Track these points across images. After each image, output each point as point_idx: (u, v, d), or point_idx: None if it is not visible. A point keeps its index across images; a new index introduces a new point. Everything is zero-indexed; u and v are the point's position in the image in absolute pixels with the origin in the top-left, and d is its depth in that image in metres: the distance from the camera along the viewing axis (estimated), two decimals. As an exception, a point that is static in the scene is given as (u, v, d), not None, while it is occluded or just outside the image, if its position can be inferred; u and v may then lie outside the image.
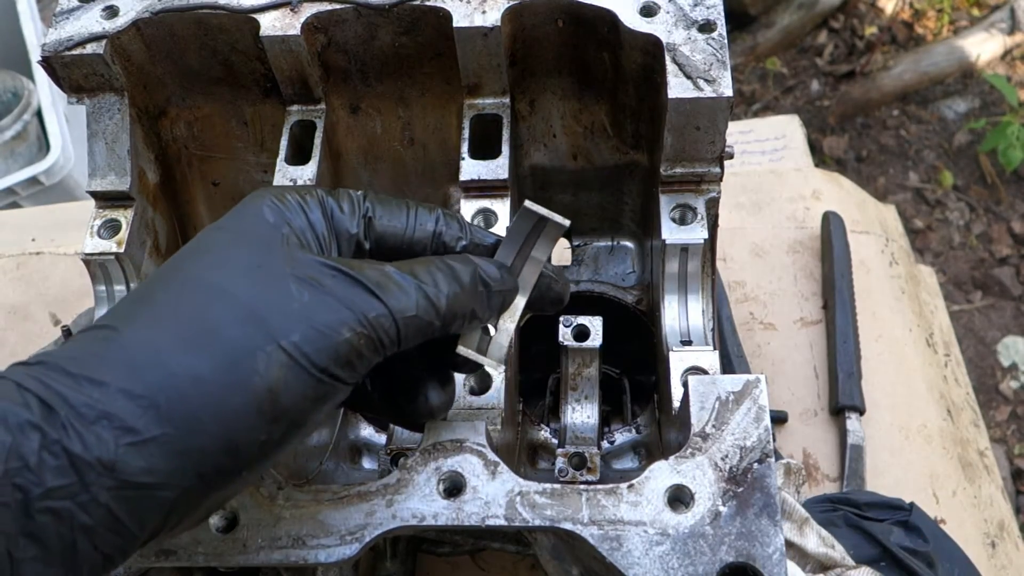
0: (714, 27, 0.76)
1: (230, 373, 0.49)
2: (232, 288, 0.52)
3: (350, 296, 0.53)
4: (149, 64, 0.85)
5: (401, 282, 0.55)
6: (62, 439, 0.46)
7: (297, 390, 0.51)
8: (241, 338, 0.50)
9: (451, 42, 0.80)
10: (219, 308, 0.51)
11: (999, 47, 2.95)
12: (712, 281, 0.83)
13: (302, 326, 0.51)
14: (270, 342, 0.50)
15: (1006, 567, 1.18)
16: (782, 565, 0.57)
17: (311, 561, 0.61)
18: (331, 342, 0.51)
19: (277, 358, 0.50)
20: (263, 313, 0.51)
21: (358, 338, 0.52)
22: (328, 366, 0.51)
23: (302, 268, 0.53)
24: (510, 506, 0.61)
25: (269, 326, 0.50)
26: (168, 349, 0.49)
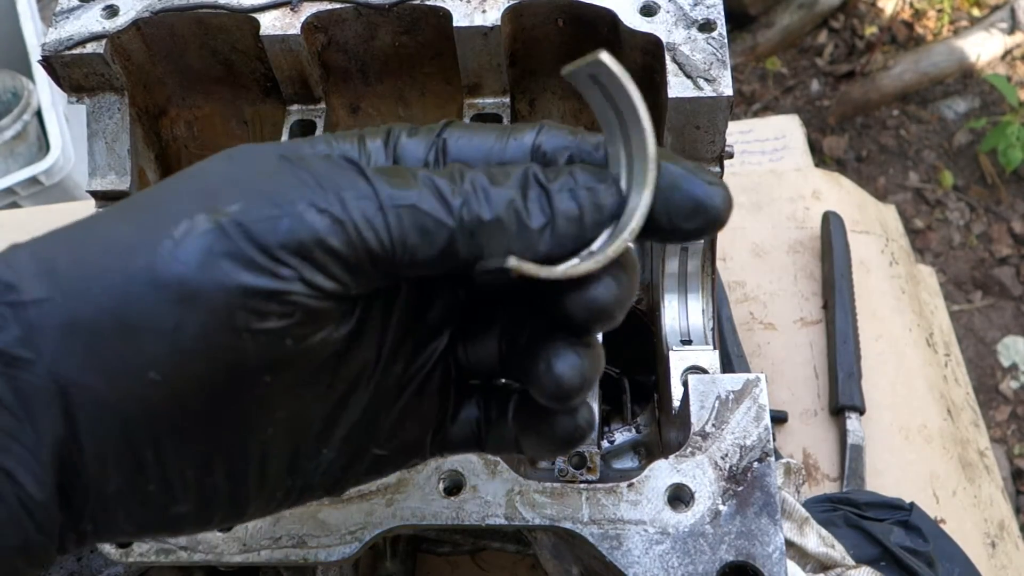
0: (714, 27, 0.76)
1: (142, 236, 0.37)
2: (200, 169, 0.40)
3: (331, 174, 0.38)
4: (149, 63, 0.85)
5: (409, 172, 0.40)
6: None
7: (219, 268, 0.36)
8: (173, 205, 0.38)
9: (451, 42, 0.80)
10: (173, 183, 0.40)
11: (999, 47, 2.95)
12: (712, 280, 0.83)
13: (247, 195, 0.37)
14: (201, 208, 0.37)
15: (1006, 567, 1.18)
16: (782, 564, 0.57)
17: (311, 560, 0.61)
18: (277, 215, 0.37)
19: (200, 222, 0.36)
20: (216, 185, 0.38)
21: (323, 220, 0.37)
22: (276, 251, 0.36)
23: (298, 158, 0.40)
24: (510, 505, 0.61)
25: (214, 195, 0.37)
26: (101, 220, 0.39)
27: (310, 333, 0.38)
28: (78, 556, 0.76)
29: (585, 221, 0.40)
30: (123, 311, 0.36)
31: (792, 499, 0.85)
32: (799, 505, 0.85)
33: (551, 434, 0.46)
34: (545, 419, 0.46)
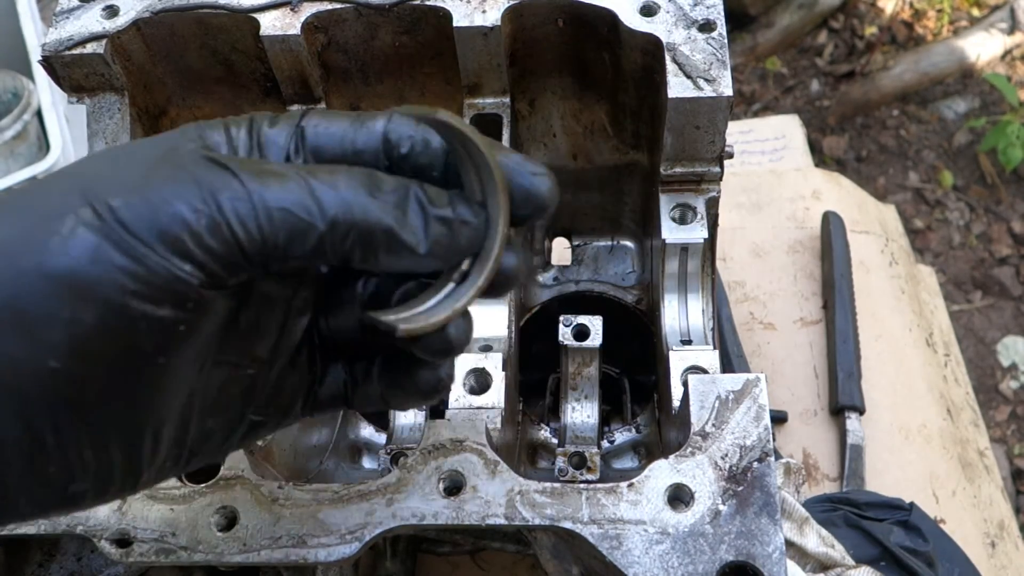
0: (714, 27, 0.76)
1: (29, 233, 0.39)
2: (78, 168, 0.43)
3: (204, 174, 0.41)
4: (149, 64, 0.85)
5: (280, 171, 0.42)
6: None
7: (109, 261, 0.38)
8: (56, 200, 0.40)
9: (451, 42, 0.80)
10: (53, 180, 0.42)
11: (999, 47, 2.95)
12: (712, 280, 0.83)
13: (129, 192, 0.40)
14: (85, 205, 0.39)
15: (1006, 567, 1.18)
16: (782, 564, 0.57)
17: (311, 560, 0.61)
18: (158, 213, 0.39)
19: (86, 218, 0.39)
20: (94, 182, 0.41)
21: (198, 217, 0.40)
22: (152, 242, 0.39)
23: (175, 156, 0.42)
24: (510, 505, 0.61)
25: (93, 191, 0.40)
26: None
27: (197, 318, 0.42)
28: (78, 556, 0.76)
29: (452, 250, 0.46)
30: (19, 305, 0.37)
31: (792, 499, 0.85)
32: (799, 505, 0.85)
33: (416, 388, 0.52)
34: (410, 375, 0.52)
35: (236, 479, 0.64)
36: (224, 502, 0.63)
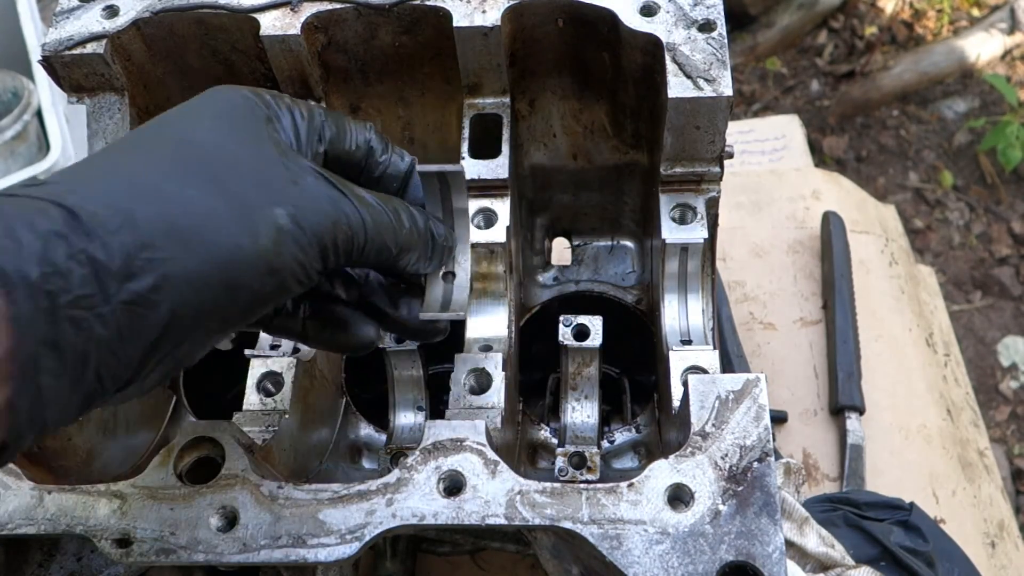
0: (714, 27, 0.76)
1: (243, 218, 0.52)
2: (229, 150, 0.55)
3: (335, 197, 0.57)
4: (149, 63, 0.85)
5: (373, 203, 0.60)
6: (87, 247, 0.46)
7: (289, 253, 0.54)
8: (249, 193, 0.53)
9: (451, 42, 0.80)
10: (221, 164, 0.54)
11: (999, 47, 2.95)
12: (712, 280, 0.83)
13: (299, 202, 0.55)
14: (275, 204, 0.54)
15: (1006, 567, 1.18)
16: (782, 564, 0.57)
17: (311, 560, 0.60)
18: (319, 225, 0.55)
19: (281, 218, 0.53)
20: (266, 180, 0.54)
21: (338, 231, 0.56)
22: (314, 245, 0.55)
23: (291, 161, 0.57)
24: (510, 505, 0.61)
25: (272, 192, 0.54)
26: (182, 185, 0.52)
27: (298, 289, 0.57)
28: (78, 556, 0.76)
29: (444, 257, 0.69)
30: (233, 274, 0.52)
31: (792, 499, 0.85)
32: (799, 505, 0.85)
33: (351, 339, 0.69)
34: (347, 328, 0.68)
35: (236, 479, 0.64)
36: (224, 502, 0.63)
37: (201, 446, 0.67)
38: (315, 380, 0.88)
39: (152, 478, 0.65)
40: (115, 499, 0.63)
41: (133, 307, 0.48)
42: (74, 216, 0.47)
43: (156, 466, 0.65)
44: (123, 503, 0.63)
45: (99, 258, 0.47)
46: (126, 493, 0.64)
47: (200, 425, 0.68)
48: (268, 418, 0.79)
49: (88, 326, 0.46)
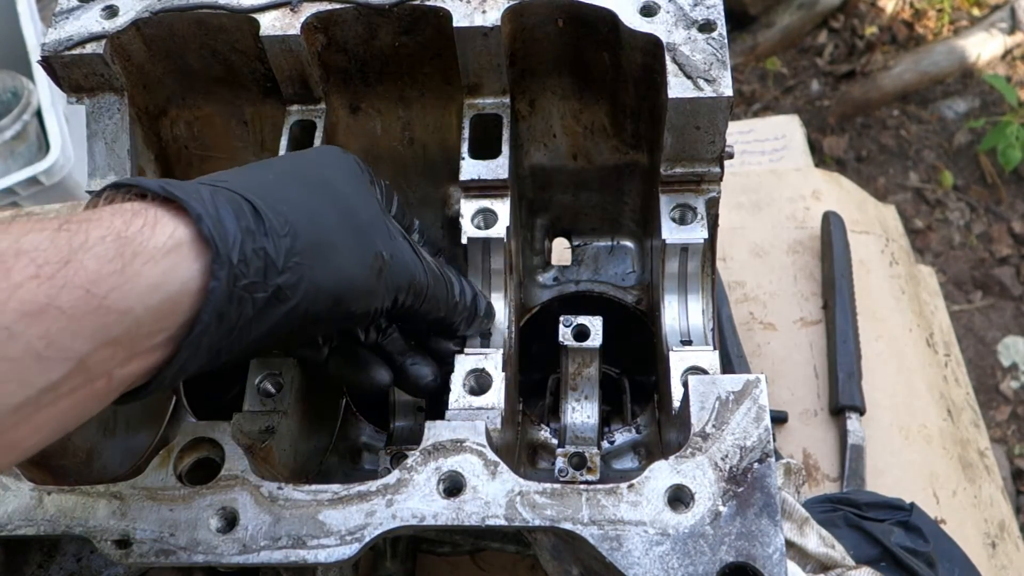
0: (714, 27, 0.76)
1: (362, 251, 0.63)
2: (353, 196, 0.67)
3: (414, 258, 0.70)
4: (149, 64, 0.85)
5: (436, 271, 0.73)
6: (266, 245, 0.56)
7: (383, 287, 0.66)
8: (368, 232, 0.65)
9: (451, 42, 0.80)
10: (349, 204, 0.65)
11: (999, 47, 2.95)
12: (712, 281, 0.83)
13: (394, 252, 0.67)
14: (381, 248, 0.66)
15: (1006, 567, 1.18)
16: (782, 565, 0.57)
17: (311, 561, 0.60)
18: (402, 276, 0.67)
19: (385, 258, 0.66)
20: (376, 226, 0.66)
21: (412, 286, 0.69)
22: (393, 290, 0.67)
23: (388, 219, 0.69)
24: (510, 506, 0.61)
25: (380, 237, 0.66)
26: (325, 212, 0.62)
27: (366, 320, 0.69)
28: (78, 556, 0.76)
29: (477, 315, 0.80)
30: (341, 292, 0.62)
31: (792, 499, 0.85)
32: (799, 505, 0.85)
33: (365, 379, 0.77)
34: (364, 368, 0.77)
35: (236, 480, 0.64)
36: (224, 503, 0.63)
37: (201, 447, 0.67)
38: (315, 381, 0.88)
39: (152, 479, 0.65)
40: (115, 500, 0.63)
41: (275, 296, 0.57)
42: (259, 217, 0.56)
43: (156, 467, 0.65)
44: (123, 504, 0.63)
45: (271, 255, 0.56)
46: (126, 494, 0.64)
47: (200, 426, 0.68)
48: (268, 419, 0.79)
49: (244, 304, 0.55)
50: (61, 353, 0.47)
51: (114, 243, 0.49)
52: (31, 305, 0.46)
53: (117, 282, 0.49)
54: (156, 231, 0.52)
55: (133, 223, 0.51)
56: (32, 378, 0.46)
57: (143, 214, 0.52)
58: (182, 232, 0.53)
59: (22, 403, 0.46)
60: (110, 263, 0.49)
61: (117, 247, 0.49)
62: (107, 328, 0.48)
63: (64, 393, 0.48)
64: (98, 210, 0.52)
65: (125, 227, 0.51)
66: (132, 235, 0.50)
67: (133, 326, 0.50)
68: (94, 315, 0.48)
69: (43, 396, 0.47)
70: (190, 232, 0.53)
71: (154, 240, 0.51)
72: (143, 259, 0.50)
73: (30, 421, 0.47)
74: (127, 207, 0.53)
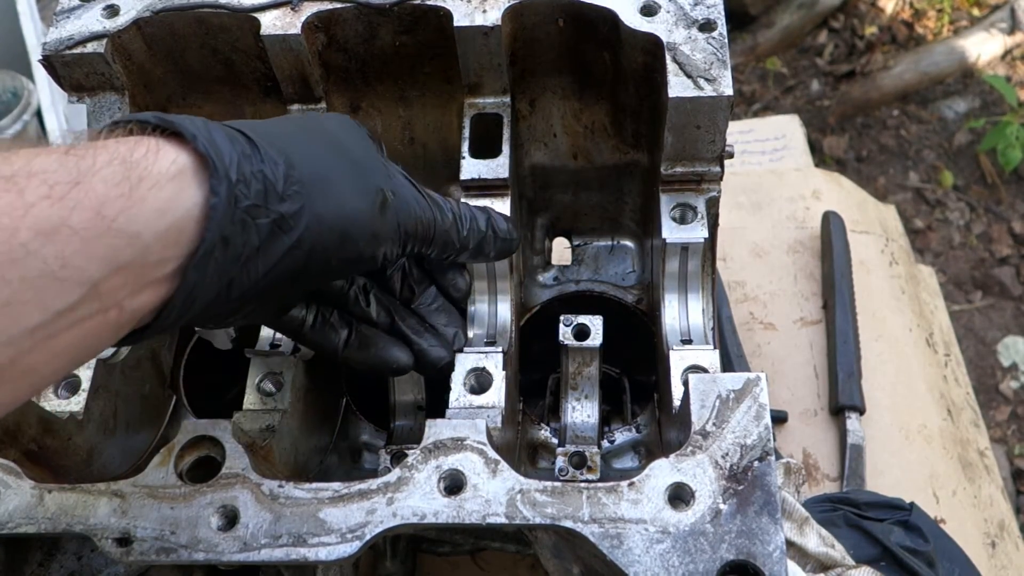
0: (714, 26, 0.76)
1: (363, 184, 0.64)
2: (350, 140, 0.67)
3: (416, 196, 0.70)
4: (150, 63, 0.85)
5: (442, 205, 0.72)
6: (263, 168, 0.57)
7: (390, 225, 0.66)
8: (367, 168, 0.66)
9: (451, 41, 0.80)
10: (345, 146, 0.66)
11: (999, 47, 2.95)
12: (712, 280, 0.83)
13: (397, 189, 0.67)
14: (382, 184, 0.66)
15: (1006, 567, 1.18)
16: (782, 563, 0.57)
17: (311, 559, 0.60)
18: (407, 215, 0.67)
19: (388, 194, 0.66)
20: (375, 166, 0.67)
21: (418, 225, 0.69)
22: (400, 231, 0.67)
23: (388, 162, 0.70)
24: (511, 504, 0.61)
25: (380, 175, 0.66)
26: (320, 150, 0.63)
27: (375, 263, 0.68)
28: (78, 555, 0.76)
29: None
30: (345, 227, 0.62)
31: (792, 499, 0.85)
32: (799, 505, 0.85)
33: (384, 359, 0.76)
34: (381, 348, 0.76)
35: (236, 478, 0.64)
36: (224, 501, 0.63)
37: (201, 445, 0.67)
38: (315, 379, 0.88)
39: (152, 477, 0.65)
40: (115, 498, 0.63)
41: (277, 225, 0.57)
42: (254, 145, 0.57)
43: (156, 465, 0.65)
44: (123, 502, 0.63)
45: (270, 178, 0.56)
46: (126, 492, 0.64)
47: (200, 424, 0.68)
48: (268, 418, 0.79)
49: (248, 230, 0.55)
50: (76, 275, 0.47)
51: (120, 167, 0.50)
52: (45, 223, 0.46)
53: (125, 205, 0.49)
54: (159, 157, 0.52)
55: (137, 149, 0.52)
56: (48, 300, 0.46)
57: (145, 142, 0.53)
58: (184, 159, 0.53)
59: (38, 326, 0.46)
60: (117, 186, 0.49)
61: (124, 171, 0.50)
62: (118, 252, 0.49)
63: (78, 320, 0.48)
64: (102, 140, 0.52)
65: (130, 153, 0.51)
66: (137, 160, 0.51)
67: (142, 252, 0.50)
68: (105, 238, 0.48)
69: (59, 320, 0.47)
70: (192, 159, 0.54)
71: (158, 165, 0.52)
72: (148, 184, 0.51)
73: (46, 346, 0.48)
74: (130, 138, 0.53)
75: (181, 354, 0.97)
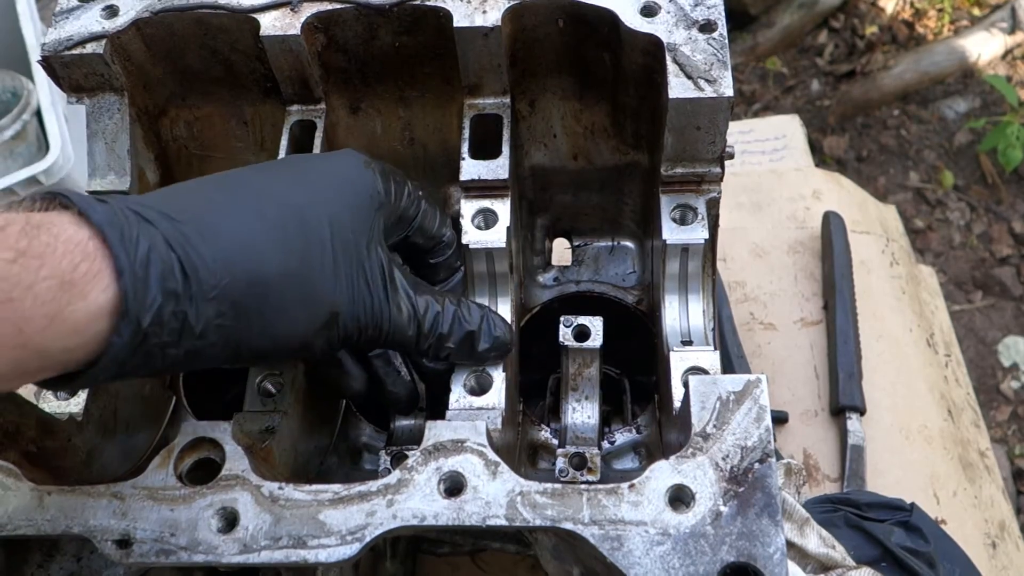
0: (715, 27, 0.76)
1: (309, 314, 0.62)
2: (330, 240, 0.64)
3: (381, 303, 0.67)
4: (149, 64, 0.85)
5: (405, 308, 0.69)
6: (187, 311, 0.56)
7: (323, 340, 0.65)
8: (321, 289, 0.63)
9: (451, 42, 0.80)
10: (316, 250, 0.62)
11: (1000, 47, 2.95)
12: (712, 281, 0.83)
13: (348, 306, 0.64)
14: (330, 305, 0.63)
15: (1007, 567, 1.18)
16: (783, 565, 0.57)
17: (311, 561, 0.60)
18: (354, 325, 0.65)
19: (331, 316, 0.64)
20: (336, 275, 0.63)
21: (364, 329, 0.66)
22: (344, 337, 0.65)
23: (375, 255, 0.66)
24: (511, 506, 0.61)
25: (334, 291, 0.63)
26: (279, 259, 0.60)
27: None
28: (78, 556, 0.76)
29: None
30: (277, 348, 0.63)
31: (793, 500, 0.85)
32: (800, 506, 0.85)
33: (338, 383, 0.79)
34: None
35: (236, 480, 0.64)
36: (224, 503, 0.63)
37: (201, 447, 0.67)
38: (315, 381, 0.88)
39: (152, 479, 0.65)
40: (115, 500, 0.63)
41: (188, 356, 0.58)
42: (187, 278, 0.56)
43: (156, 467, 0.65)
44: (123, 504, 0.63)
45: (190, 321, 0.56)
46: (126, 494, 0.64)
47: (200, 426, 0.68)
48: (268, 419, 0.79)
49: (153, 358, 0.56)
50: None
51: (57, 288, 0.51)
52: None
53: (45, 325, 0.51)
54: (95, 283, 0.53)
55: (80, 267, 0.52)
56: None
57: (92, 259, 0.53)
58: (112, 291, 0.54)
59: None
60: (44, 306, 0.51)
61: (57, 292, 0.51)
62: (22, 362, 0.51)
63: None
64: (52, 243, 0.52)
65: (71, 269, 0.52)
66: (75, 280, 0.52)
67: (46, 360, 0.53)
68: (16, 350, 0.50)
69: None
70: (118, 295, 0.54)
71: (92, 292, 0.53)
72: (74, 307, 0.52)
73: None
74: (79, 246, 0.53)
75: (181, 355, 0.97)
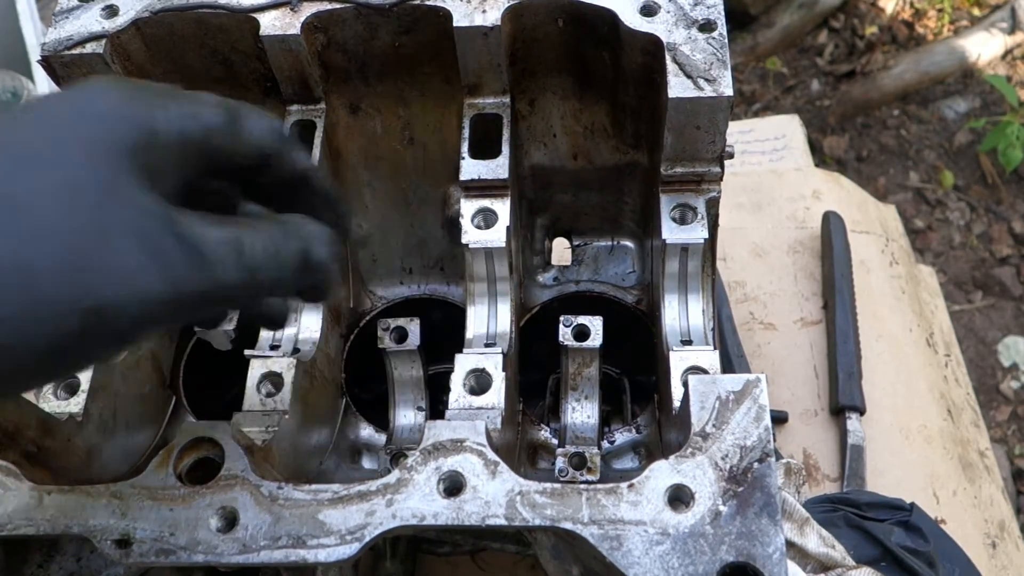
0: (714, 27, 0.76)
1: (38, 317, 0.43)
2: (45, 214, 0.44)
3: (142, 267, 0.46)
4: (149, 64, 0.85)
5: (183, 270, 0.47)
6: None
7: (75, 353, 0.46)
8: (55, 292, 0.44)
9: (451, 42, 0.80)
10: (33, 242, 0.43)
11: (1000, 47, 2.95)
12: (712, 281, 0.83)
13: (121, 293, 0.45)
14: (77, 300, 0.44)
15: (1007, 567, 1.18)
16: (782, 565, 0.57)
17: (311, 561, 0.60)
18: (138, 316, 0.46)
19: (77, 320, 0.44)
20: (82, 266, 0.44)
21: (164, 311, 0.47)
22: (126, 336, 0.47)
23: (140, 215, 0.46)
24: (510, 506, 0.61)
25: (81, 286, 0.44)
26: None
27: None
28: (78, 556, 0.76)
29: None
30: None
31: (792, 499, 0.85)
32: (799, 506, 0.85)
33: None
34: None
35: (236, 479, 0.64)
36: (224, 502, 0.63)
37: (201, 446, 0.67)
38: (315, 380, 0.88)
39: (151, 478, 0.65)
40: (114, 499, 0.63)
41: None
42: None
43: (155, 466, 0.65)
44: (122, 503, 0.63)
45: None
46: (126, 493, 0.64)
47: (200, 425, 0.68)
48: (268, 418, 0.79)
49: None
50: None
51: None
52: None
53: None
54: None
55: None
56: None
57: None
58: None
59: None
60: None
61: None
62: None
63: None
64: None
65: None
66: None
67: None
68: None
69: None
70: None
71: None
72: None
73: None
74: None
75: (181, 354, 0.97)
